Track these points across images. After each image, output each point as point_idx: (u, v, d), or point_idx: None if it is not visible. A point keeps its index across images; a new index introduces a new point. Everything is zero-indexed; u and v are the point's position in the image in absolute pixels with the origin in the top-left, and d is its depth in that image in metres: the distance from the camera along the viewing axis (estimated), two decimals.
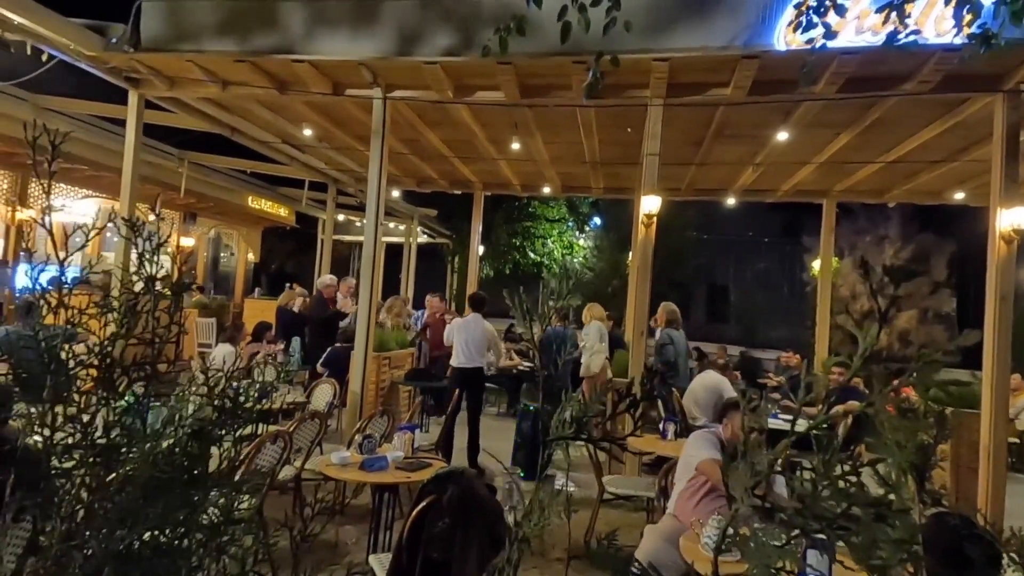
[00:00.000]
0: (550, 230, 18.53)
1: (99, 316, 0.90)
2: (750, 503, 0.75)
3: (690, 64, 4.94)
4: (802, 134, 6.39)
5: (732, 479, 0.79)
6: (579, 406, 0.96)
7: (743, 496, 0.75)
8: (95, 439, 0.64)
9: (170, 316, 0.85)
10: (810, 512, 0.71)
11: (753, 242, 22.06)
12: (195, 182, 10.54)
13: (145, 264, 0.81)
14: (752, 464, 0.77)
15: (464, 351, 6.02)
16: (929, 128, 5.98)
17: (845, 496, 0.71)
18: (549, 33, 2.88)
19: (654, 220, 5.61)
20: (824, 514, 0.70)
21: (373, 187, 5.83)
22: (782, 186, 8.82)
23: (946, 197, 8.64)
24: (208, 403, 0.76)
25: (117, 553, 0.57)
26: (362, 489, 3.59)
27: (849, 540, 1.05)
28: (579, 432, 0.91)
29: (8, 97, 7.43)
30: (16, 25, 4.67)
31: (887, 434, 1.15)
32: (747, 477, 0.76)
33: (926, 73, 4.73)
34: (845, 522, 0.70)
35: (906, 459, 1.15)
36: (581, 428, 0.90)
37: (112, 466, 0.63)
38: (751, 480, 0.76)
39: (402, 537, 2.12)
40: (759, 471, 0.76)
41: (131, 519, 0.59)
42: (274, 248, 19.82)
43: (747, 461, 0.77)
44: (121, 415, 0.68)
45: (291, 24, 5.17)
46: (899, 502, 1.12)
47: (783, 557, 0.71)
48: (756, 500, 0.76)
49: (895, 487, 1.17)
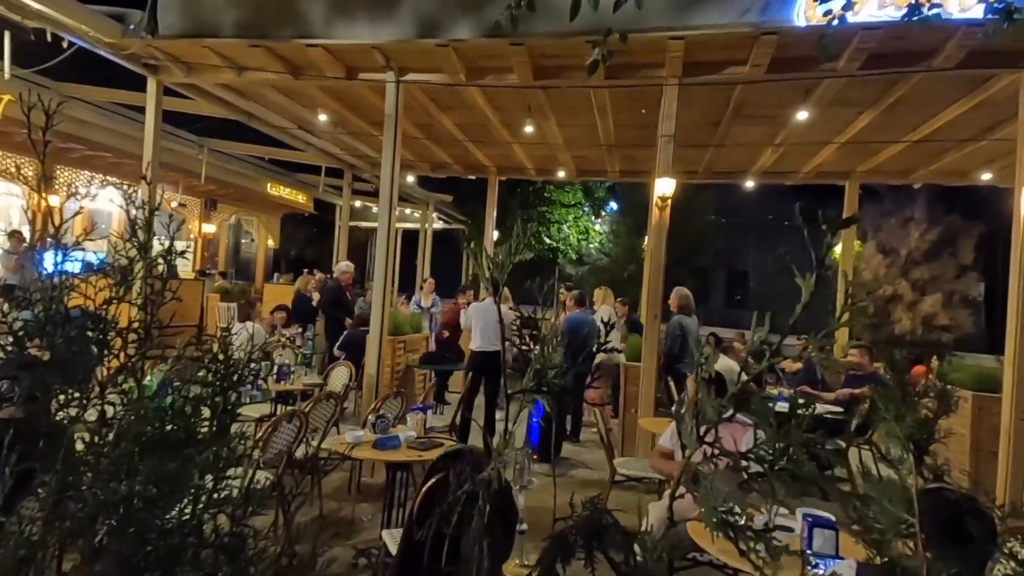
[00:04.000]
0: (565, 215, 18.43)
1: (116, 290, 0.93)
2: (697, 450, 0.76)
3: (707, 42, 4.84)
4: (823, 113, 6.25)
5: (682, 429, 0.80)
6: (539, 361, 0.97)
7: (692, 445, 0.76)
8: (90, 397, 0.67)
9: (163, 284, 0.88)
10: (754, 456, 0.73)
11: (773, 225, 21.70)
12: (215, 169, 10.70)
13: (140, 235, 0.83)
14: (702, 413, 0.78)
15: (483, 335, 6.05)
16: (955, 106, 5.81)
17: (792, 442, 0.72)
18: (562, 12, 2.84)
19: (668, 203, 5.56)
20: (766, 457, 0.72)
21: (387, 171, 5.85)
22: (803, 167, 8.65)
23: (973, 178, 8.40)
24: (203, 366, 0.79)
25: (110, 503, 0.60)
26: (370, 470, 3.66)
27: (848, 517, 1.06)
28: (539, 386, 0.93)
29: (31, 85, 7.59)
30: (36, 12, 4.76)
31: (885, 409, 1.14)
32: (695, 426, 0.77)
33: (950, 49, 4.59)
34: (786, 464, 0.72)
35: (904, 431, 1.14)
36: (541, 381, 0.91)
37: (108, 423, 0.66)
38: (701, 429, 0.77)
39: (412, 513, 2.17)
40: (708, 419, 0.77)
41: (124, 471, 0.62)
42: (293, 234, 20.08)
43: (696, 410, 0.79)
44: (115, 374, 0.71)
45: (305, 8, 5.18)
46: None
47: (730, 499, 0.74)
48: (706, 447, 0.77)
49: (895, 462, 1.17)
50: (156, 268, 0.87)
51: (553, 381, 0.91)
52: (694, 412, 0.79)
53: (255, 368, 1.03)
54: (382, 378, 5.93)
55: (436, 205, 14.86)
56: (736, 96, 6.00)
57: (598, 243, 18.90)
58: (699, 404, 1.00)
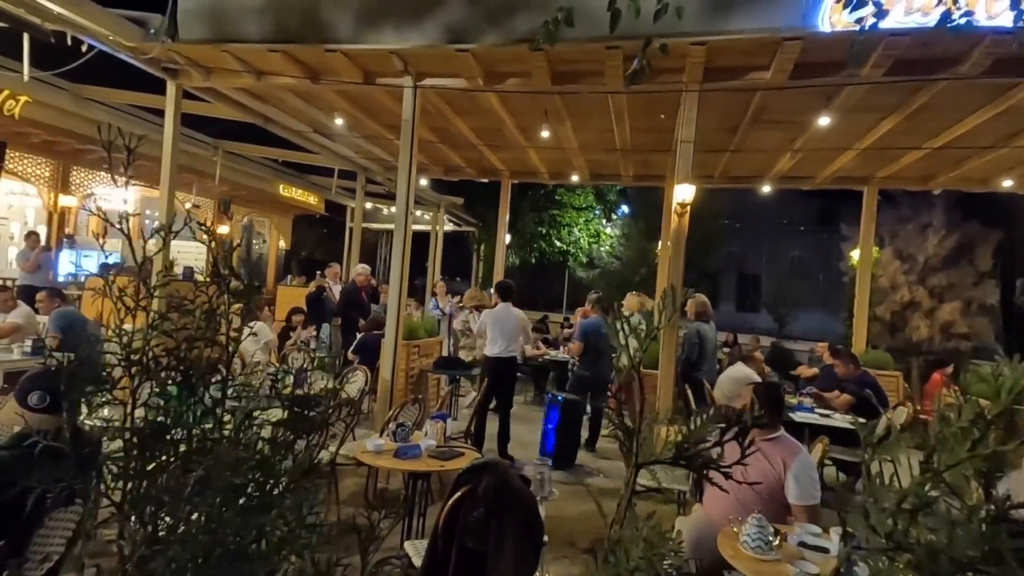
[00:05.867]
0: (576, 218, 18.34)
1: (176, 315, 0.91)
2: (876, 543, 0.71)
3: (728, 47, 4.79)
4: (844, 119, 6.18)
5: (854, 514, 0.75)
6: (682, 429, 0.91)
7: (869, 534, 0.71)
8: (179, 437, 0.65)
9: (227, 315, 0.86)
10: (947, 556, 0.67)
11: (786, 229, 21.54)
12: (229, 171, 10.74)
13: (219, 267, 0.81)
14: (879, 502, 0.72)
15: (497, 340, 6.02)
16: (978, 113, 5.74)
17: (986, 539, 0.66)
18: (583, 19, 2.81)
19: (687, 209, 5.50)
20: (962, 558, 0.65)
21: (403, 176, 5.84)
22: (821, 173, 8.56)
23: (994, 185, 8.30)
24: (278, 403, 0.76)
25: (201, 557, 0.58)
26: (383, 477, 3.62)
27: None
28: (679, 457, 0.88)
29: (49, 87, 7.65)
30: (57, 15, 4.78)
31: (951, 439, 1.09)
32: (876, 514, 0.72)
33: (976, 56, 4.53)
34: (985, 566, 0.66)
35: (975, 467, 1.09)
36: (681, 453, 0.86)
37: (190, 467, 0.64)
38: (879, 517, 0.71)
39: (438, 525, 2.14)
40: (886, 509, 0.72)
41: (215, 523, 0.59)
42: (304, 235, 20.12)
43: (874, 498, 0.73)
44: (201, 414, 0.69)
45: (325, 13, 5.17)
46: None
47: None
48: (881, 539, 0.72)
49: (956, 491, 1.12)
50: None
51: (696, 453, 0.86)
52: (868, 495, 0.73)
53: (274, 374, 1.01)
54: (396, 383, 5.92)
55: (447, 207, 14.86)
56: (756, 102, 5.95)
57: (609, 246, 18.80)
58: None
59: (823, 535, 2.56)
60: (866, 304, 8.87)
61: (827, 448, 3.96)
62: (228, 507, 0.59)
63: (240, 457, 0.64)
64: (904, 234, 12.34)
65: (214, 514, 0.59)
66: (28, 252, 8.44)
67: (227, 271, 0.84)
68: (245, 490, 0.62)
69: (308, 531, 0.63)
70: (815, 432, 4.94)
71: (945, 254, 11.89)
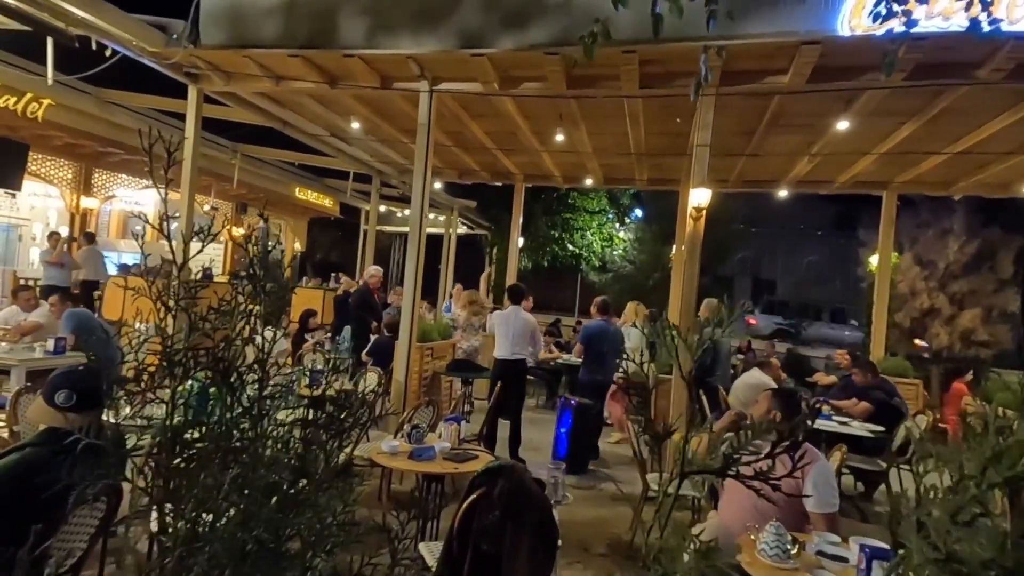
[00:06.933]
0: (589, 222, 18.31)
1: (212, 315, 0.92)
2: (929, 554, 0.71)
3: (746, 51, 4.76)
4: (863, 123, 6.11)
5: (906, 528, 0.74)
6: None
7: (920, 547, 0.70)
8: (219, 433, 0.66)
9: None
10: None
11: (803, 234, 21.33)
12: (247, 174, 10.88)
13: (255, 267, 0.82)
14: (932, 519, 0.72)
15: (506, 343, 6.02)
16: (1000, 118, 5.65)
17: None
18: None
19: (703, 214, 5.47)
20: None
21: (419, 179, 5.87)
22: (839, 177, 8.47)
23: (1015, 190, 8.16)
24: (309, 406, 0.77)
25: (239, 553, 0.59)
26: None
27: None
28: (726, 468, 0.87)
29: (72, 90, 7.80)
30: (80, 20, 4.87)
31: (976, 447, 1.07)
32: (933, 527, 0.71)
33: (998, 61, 4.47)
34: None
35: (1001, 475, 1.07)
36: (730, 464, 0.86)
37: (229, 466, 0.65)
38: (938, 530, 0.71)
39: (453, 528, 2.14)
40: (938, 525, 0.71)
41: (252, 521, 0.60)
42: (319, 238, 20.29)
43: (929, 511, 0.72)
44: (239, 415, 0.70)
45: (343, 19, 5.23)
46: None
47: None
48: (940, 553, 0.72)
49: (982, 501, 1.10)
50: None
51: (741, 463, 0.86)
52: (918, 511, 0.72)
53: (290, 375, 1.02)
54: (410, 385, 5.94)
55: (460, 210, 14.91)
56: (773, 105, 5.90)
57: (622, 250, 18.75)
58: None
59: (842, 544, 2.52)
60: (885, 311, 8.75)
61: (845, 456, 3.91)
62: (265, 505, 0.60)
63: (277, 456, 0.65)
64: (924, 240, 12.16)
65: (252, 512, 0.60)
66: (50, 252, 8.63)
67: (262, 272, 0.86)
68: (281, 488, 0.63)
69: (340, 529, 0.64)
70: (832, 440, 4.88)
71: (966, 260, 11.69)
